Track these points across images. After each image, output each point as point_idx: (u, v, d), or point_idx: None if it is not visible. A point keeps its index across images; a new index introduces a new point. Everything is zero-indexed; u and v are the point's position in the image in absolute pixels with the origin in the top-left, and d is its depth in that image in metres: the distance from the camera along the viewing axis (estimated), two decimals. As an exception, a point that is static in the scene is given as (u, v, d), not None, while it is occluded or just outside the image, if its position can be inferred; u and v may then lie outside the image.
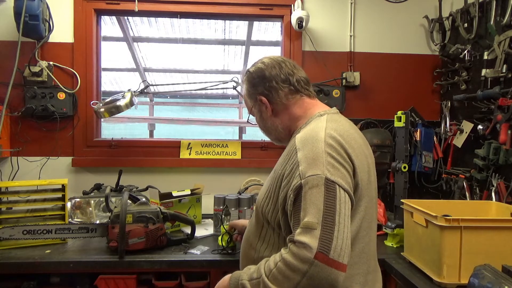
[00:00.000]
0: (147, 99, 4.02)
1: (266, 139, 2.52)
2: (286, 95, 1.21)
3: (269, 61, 1.25)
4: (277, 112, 1.23)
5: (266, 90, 1.22)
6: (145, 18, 2.76)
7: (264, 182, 2.23)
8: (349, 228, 0.93)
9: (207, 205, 2.09)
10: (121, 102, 2.09)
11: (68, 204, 1.83)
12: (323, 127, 1.07)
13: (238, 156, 2.40)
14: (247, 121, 1.39)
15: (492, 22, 1.94)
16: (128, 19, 2.82)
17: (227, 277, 1.06)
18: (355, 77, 2.40)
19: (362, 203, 1.06)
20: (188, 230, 1.82)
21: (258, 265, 0.98)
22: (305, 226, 0.90)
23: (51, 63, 2.23)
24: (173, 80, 3.84)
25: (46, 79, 2.22)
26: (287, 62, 1.25)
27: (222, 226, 1.67)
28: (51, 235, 1.58)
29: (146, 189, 2.05)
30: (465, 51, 2.14)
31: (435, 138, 2.33)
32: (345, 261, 0.88)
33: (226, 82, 2.32)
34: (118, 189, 2.00)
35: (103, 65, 2.47)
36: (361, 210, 1.06)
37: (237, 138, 3.35)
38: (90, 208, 1.97)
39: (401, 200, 1.62)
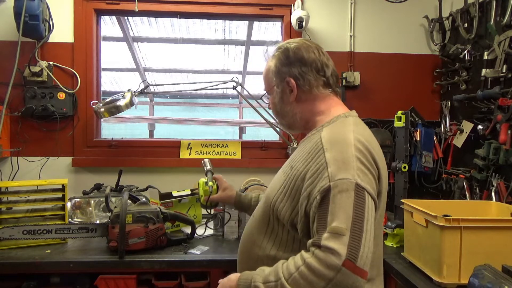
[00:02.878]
0: (147, 99, 4.02)
1: (266, 139, 2.56)
2: (317, 87, 1.14)
3: (308, 44, 1.16)
4: (300, 100, 1.16)
5: (299, 74, 1.13)
6: (145, 18, 2.76)
7: (263, 181, 2.25)
8: (373, 236, 0.92)
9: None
10: (121, 102, 2.09)
11: (68, 204, 1.83)
12: (350, 130, 1.04)
13: (238, 156, 2.40)
14: (260, 98, 1.31)
15: (492, 22, 1.94)
16: (128, 19, 2.81)
17: (234, 277, 1.02)
18: (355, 77, 2.40)
19: (380, 209, 1.04)
20: (188, 230, 1.82)
21: (275, 268, 0.94)
22: (333, 231, 0.87)
23: (51, 63, 2.23)
24: (173, 80, 3.84)
25: (46, 79, 2.21)
26: (323, 50, 1.18)
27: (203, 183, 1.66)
28: (51, 235, 1.58)
29: (146, 189, 2.05)
30: (465, 51, 2.14)
31: (435, 138, 2.33)
32: (368, 269, 0.87)
33: (226, 82, 2.32)
34: (118, 189, 2.00)
35: (103, 65, 2.47)
36: (378, 216, 1.04)
37: (237, 138, 3.35)
38: (90, 208, 1.97)
39: (401, 200, 1.62)
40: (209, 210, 1.73)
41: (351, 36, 2.43)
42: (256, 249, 1.13)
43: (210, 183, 1.61)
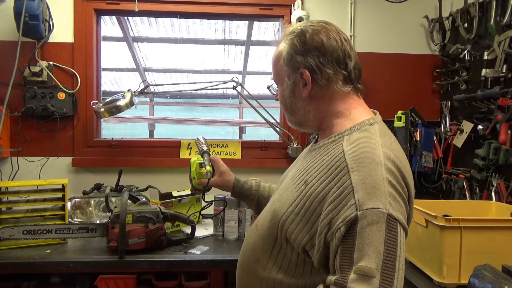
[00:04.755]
0: (147, 99, 4.02)
1: (266, 139, 2.56)
2: (336, 82, 0.96)
3: (329, 28, 0.97)
4: (315, 96, 0.98)
5: (315, 66, 0.94)
6: (145, 18, 2.76)
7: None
8: (403, 273, 0.80)
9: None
10: (121, 102, 2.09)
11: (68, 204, 1.83)
12: (379, 144, 0.88)
13: (238, 156, 2.40)
14: (267, 88, 1.15)
15: (492, 22, 1.94)
16: (128, 19, 2.82)
17: None
18: (355, 77, 2.40)
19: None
20: (188, 230, 1.82)
21: None
22: (361, 272, 0.75)
23: (51, 63, 2.23)
24: (173, 80, 3.84)
25: (46, 79, 2.21)
26: (346, 35, 0.99)
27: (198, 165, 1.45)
28: (51, 235, 1.58)
29: (146, 189, 2.05)
30: (465, 51, 2.14)
31: (435, 138, 2.33)
32: None
33: (226, 82, 2.32)
34: (118, 189, 2.00)
35: (103, 65, 2.47)
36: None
37: (237, 138, 3.35)
38: (90, 208, 1.97)
39: (401, 200, 1.62)
40: (201, 197, 1.56)
41: (351, 36, 2.43)
42: (260, 268, 0.99)
43: (208, 168, 1.41)
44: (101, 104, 2.12)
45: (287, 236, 0.92)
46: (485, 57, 1.96)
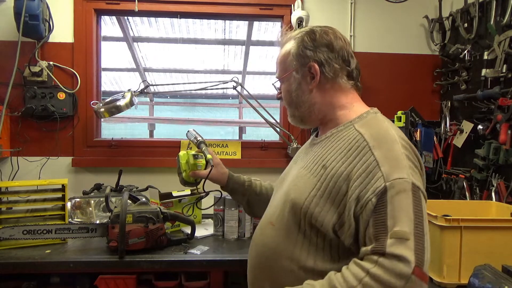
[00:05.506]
0: (147, 99, 4.03)
1: (266, 139, 2.56)
2: (342, 77, 1.05)
3: (335, 30, 1.08)
4: (322, 89, 1.06)
5: (324, 60, 1.03)
6: (145, 18, 2.76)
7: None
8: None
9: (207, 205, 2.09)
10: (121, 102, 2.09)
11: (68, 204, 1.83)
12: (389, 127, 0.98)
13: (238, 156, 2.40)
14: (273, 84, 1.19)
15: (492, 22, 1.94)
16: (128, 19, 2.82)
17: None
18: (355, 77, 2.40)
19: None
20: (188, 230, 1.82)
21: (328, 281, 0.84)
22: (398, 236, 0.79)
23: (51, 63, 2.23)
24: (173, 80, 3.84)
25: (46, 79, 2.21)
26: (348, 40, 1.10)
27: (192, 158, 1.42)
28: (51, 235, 1.58)
29: (146, 189, 2.05)
30: (465, 51, 2.14)
31: (435, 138, 2.33)
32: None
33: (226, 82, 2.32)
34: (118, 189, 2.00)
35: (103, 65, 2.47)
36: None
37: (237, 138, 3.35)
38: (90, 208, 1.97)
39: (401, 200, 1.62)
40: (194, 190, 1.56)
41: (351, 36, 2.43)
42: (285, 261, 0.98)
43: (208, 156, 1.37)
44: (101, 104, 2.12)
45: (311, 221, 0.94)
46: (485, 57, 1.96)
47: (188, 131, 1.54)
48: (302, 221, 0.97)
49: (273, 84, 1.19)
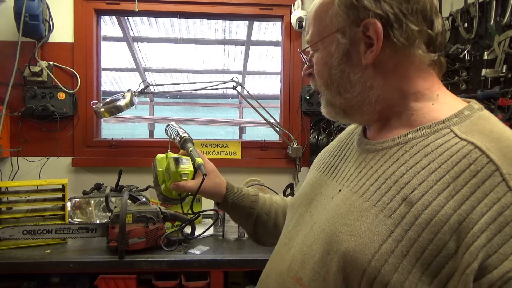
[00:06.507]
0: (147, 99, 4.03)
1: (266, 139, 2.57)
2: (419, 46, 0.63)
3: None
4: (382, 64, 0.64)
5: (393, 15, 0.61)
6: (145, 18, 2.76)
7: (263, 181, 2.24)
8: None
9: (207, 205, 2.09)
10: (121, 102, 2.09)
11: (68, 204, 1.83)
12: None
13: (238, 156, 2.40)
14: (300, 52, 0.75)
15: (492, 22, 1.94)
16: (128, 19, 2.82)
17: None
18: (355, 77, 2.40)
19: None
20: (188, 230, 1.82)
21: None
22: None
23: (51, 63, 2.23)
24: (173, 80, 3.85)
25: (46, 79, 2.21)
26: None
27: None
28: (51, 235, 1.58)
29: (146, 189, 2.05)
30: (465, 51, 2.14)
31: (435, 138, 2.32)
32: None
33: (226, 82, 2.32)
34: (118, 189, 2.00)
35: (103, 65, 2.47)
36: None
37: (237, 138, 3.35)
38: (90, 208, 1.97)
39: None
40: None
41: (351, 36, 2.43)
42: None
43: (198, 160, 0.91)
44: (101, 104, 2.12)
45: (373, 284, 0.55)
46: (485, 57, 1.96)
47: (168, 125, 1.06)
48: (357, 284, 0.57)
49: (300, 52, 0.75)
